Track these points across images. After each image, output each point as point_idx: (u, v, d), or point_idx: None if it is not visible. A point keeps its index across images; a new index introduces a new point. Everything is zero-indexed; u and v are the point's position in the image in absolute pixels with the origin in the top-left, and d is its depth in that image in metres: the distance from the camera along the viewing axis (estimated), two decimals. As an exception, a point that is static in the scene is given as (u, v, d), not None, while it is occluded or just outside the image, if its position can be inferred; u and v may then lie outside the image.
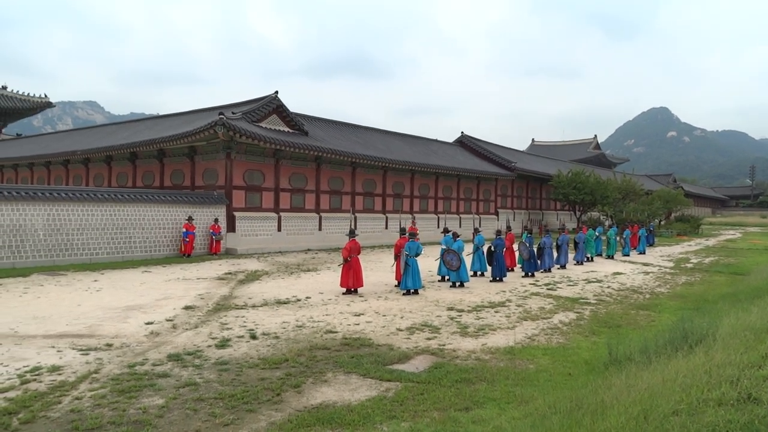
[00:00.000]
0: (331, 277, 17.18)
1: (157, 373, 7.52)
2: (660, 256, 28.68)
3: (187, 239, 22.07)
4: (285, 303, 12.83)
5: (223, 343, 9.12)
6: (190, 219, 22.36)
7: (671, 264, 24.55)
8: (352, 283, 14.31)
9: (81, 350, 8.61)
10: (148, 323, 10.51)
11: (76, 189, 20.48)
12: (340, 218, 29.81)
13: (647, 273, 20.89)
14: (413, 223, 26.39)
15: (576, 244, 23.97)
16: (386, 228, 32.94)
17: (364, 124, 39.33)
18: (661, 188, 65.78)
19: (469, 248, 19.33)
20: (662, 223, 56.04)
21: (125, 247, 20.81)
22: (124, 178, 31.19)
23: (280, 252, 24.89)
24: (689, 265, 23.94)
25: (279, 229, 26.65)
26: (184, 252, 22.07)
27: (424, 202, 37.38)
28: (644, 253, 29.76)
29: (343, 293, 14.27)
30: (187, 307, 12.05)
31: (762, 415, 4.34)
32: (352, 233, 14.88)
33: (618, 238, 29.12)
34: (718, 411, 4.59)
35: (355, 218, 30.17)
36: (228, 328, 10.22)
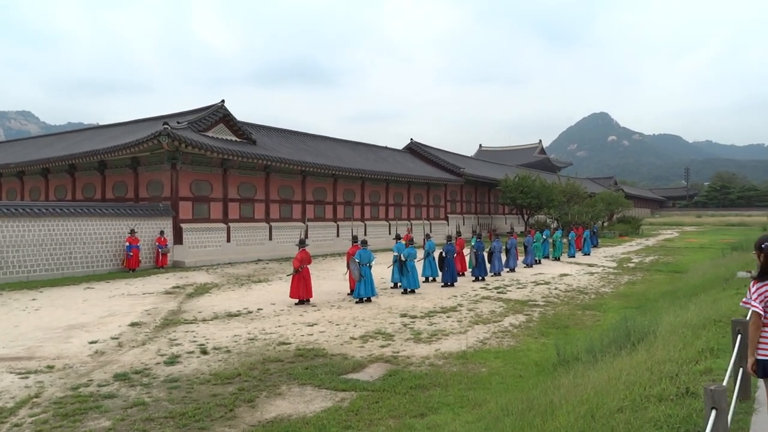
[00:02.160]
0: (283, 287, 16.99)
1: (103, 394, 7.26)
2: (604, 256, 29.68)
3: (131, 253, 21.41)
4: (236, 315, 12.62)
5: (173, 360, 8.90)
6: (132, 232, 21.70)
7: (614, 264, 25.42)
8: (302, 293, 14.21)
9: (20, 374, 8.22)
10: (91, 342, 10.14)
11: (10, 204, 19.56)
12: (291, 227, 29.57)
13: (592, 274, 21.58)
14: (409, 230, 26.33)
15: (525, 247, 24.57)
16: (338, 236, 32.87)
17: (313, 132, 39.30)
18: (604, 191, 68.23)
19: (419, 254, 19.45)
20: (605, 224, 57.99)
21: (65, 264, 19.99)
22: (62, 191, 30.00)
23: (229, 263, 24.46)
24: (631, 265, 24.85)
25: (228, 240, 26.20)
26: (129, 266, 21.40)
27: (375, 209, 37.52)
28: (589, 254, 30.72)
29: (296, 304, 14.15)
30: (133, 324, 11.69)
31: (699, 409, 4.59)
32: (302, 243, 14.80)
33: (563, 240, 30.03)
34: (659, 406, 4.82)
35: (307, 227, 29.99)
36: (177, 344, 9.97)
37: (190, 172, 25.16)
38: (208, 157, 24.88)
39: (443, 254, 18.09)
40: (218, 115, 27.23)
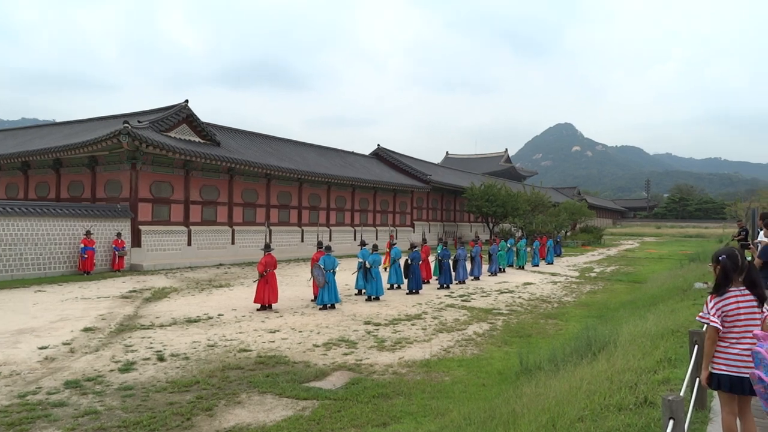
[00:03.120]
0: (244, 292, 16.82)
1: (53, 403, 7.02)
2: (566, 266, 30.27)
3: (86, 255, 20.83)
4: (195, 321, 12.40)
5: (128, 367, 8.68)
6: (88, 233, 21.13)
7: (577, 273, 25.96)
8: (267, 298, 14.12)
9: (-37, 381, 7.89)
10: (41, 348, 9.80)
11: (-43, 201, 18.80)
12: (255, 231, 29.26)
13: (555, 283, 21.97)
14: (392, 238, 26.25)
15: (489, 255, 24.84)
16: (302, 241, 32.68)
17: (280, 135, 38.96)
18: (567, 200, 69.58)
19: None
20: (568, 234, 59.17)
21: (15, 265, 19.30)
22: (14, 190, 29.02)
23: (190, 267, 24.02)
24: (593, 275, 25.43)
25: (189, 244, 25.77)
26: (84, 269, 20.81)
27: (341, 215, 37.44)
28: (552, 264, 31.31)
29: (258, 309, 14.01)
30: (86, 329, 11.35)
31: (657, 418, 4.70)
32: (267, 247, 14.72)
33: (528, 249, 30.47)
34: (618, 416, 4.92)
35: (271, 231, 29.73)
36: (133, 350, 9.73)
37: (151, 173, 24.69)
38: (170, 157, 24.46)
39: (409, 261, 18.16)
40: (181, 115, 26.79)
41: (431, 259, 21.42)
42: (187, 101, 27.12)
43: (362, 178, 37.57)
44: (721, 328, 4.16)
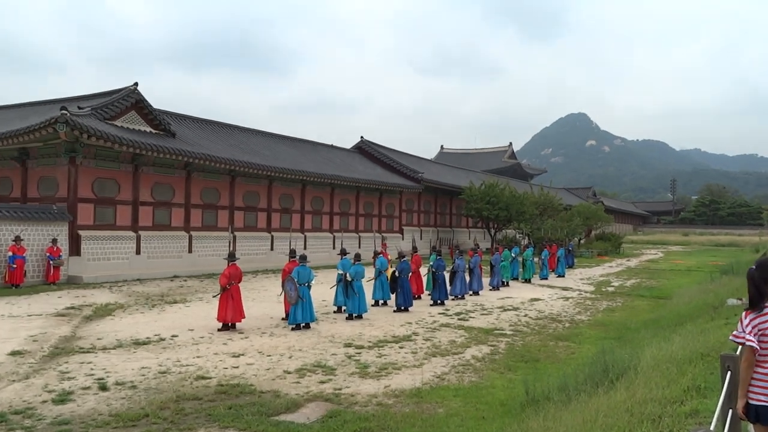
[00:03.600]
0: (203, 309, 16.75)
1: (-27, 441, 6.92)
2: (580, 279, 30.55)
3: (15, 265, 20.63)
4: (145, 344, 12.32)
5: (64, 397, 8.58)
6: (17, 240, 20.93)
7: (592, 288, 26.22)
8: (231, 316, 14.08)
9: None
10: (-40, 375, 9.66)
11: None
12: (216, 238, 29.14)
13: (567, 298, 22.17)
14: (384, 247, 26.23)
15: (491, 266, 24.97)
16: (272, 249, 32.62)
17: (247, 125, 38.93)
18: (581, 203, 70.23)
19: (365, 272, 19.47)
20: (582, 241, 59.65)
21: (-70, 276, 19.03)
22: (-71, 187, 28.63)
23: (138, 280, 23.86)
24: (610, 289, 25.70)
25: (138, 252, 25.63)
26: (11, 281, 20.60)
27: (318, 219, 37.42)
28: (563, 276, 31.55)
29: (220, 329, 13.98)
30: (14, 353, 11.22)
31: (684, 456, 4.71)
32: (231, 257, 14.69)
33: (535, 260, 30.63)
34: (639, 454, 4.93)
35: (235, 238, 29.63)
36: (70, 378, 9.63)
37: (93, 169, 24.54)
38: (116, 150, 24.30)
39: (396, 273, 18.17)
40: (130, 100, 26.63)
41: (423, 270, 21.43)
42: (136, 84, 26.97)
43: (343, 176, 37.61)
44: (758, 348, 4.13)
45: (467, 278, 22.01)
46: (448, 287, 20.40)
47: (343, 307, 16.86)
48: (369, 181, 40.47)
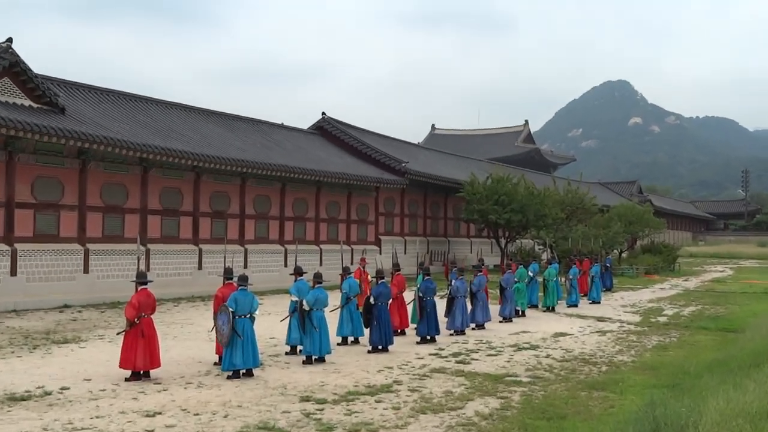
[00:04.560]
0: (104, 351, 16.46)
1: None
2: (621, 305, 30.46)
3: None
4: (24, 399, 12.10)
5: None
6: None
7: (637, 318, 26.13)
8: (142, 361, 13.88)
9: None
10: None
11: None
12: (122, 253, 28.81)
13: (603, 332, 22.09)
14: (362, 263, 26.02)
15: (501, 290, 24.78)
16: (200, 268, 32.36)
17: (164, 98, 38.53)
18: (622, 203, 70.43)
19: (333, 299, 19.40)
20: (623, 255, 59.83)
21: None
22: None
23: (14, 311, 23.51)
24: (662, 319, 25.66)
25: (13, 273, 25.31)
26: None
27: (263, 226, 37.18)
28: (599, 302, 31.47)
29: (127, 379, 13.78)
30: None
31: None
32: (142, 278, 14.45)
33: (561, 280, 30.59)
34: None
35: (148, 252, 29.30)
36: None
37: (-50, 157, 24.14)
38: (-17, 132, 23.95)
39: (372, 300, 18.05)
40: (2, 63, 26.27)
41: (407, 296, 21.33)
42: (10, 41, 26.58)
43: (298, 167, 37.45)
44: None
45: (468, 306, 21.94)
46: (442, 318, 20.24)
47: (299, 347, 16.64)
48: (334, 174, 40.21)
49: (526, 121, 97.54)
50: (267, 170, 35.26)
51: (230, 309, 14.28)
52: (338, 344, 18.02)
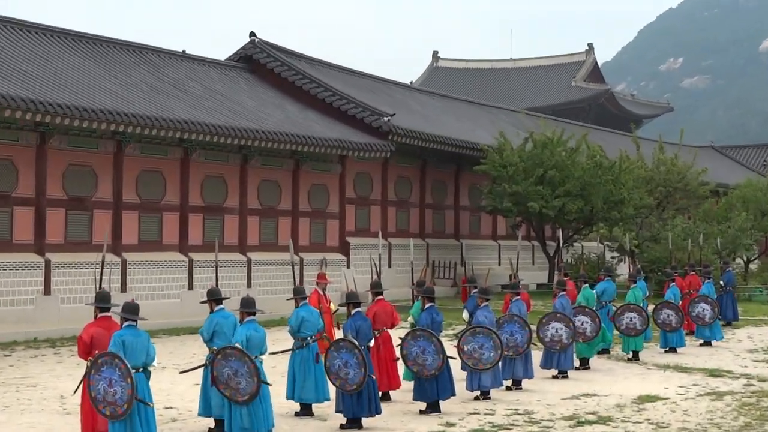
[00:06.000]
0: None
1: None
2: (748, 350, 24.65)
3: None
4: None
5: None
6: None
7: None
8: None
9: None
10: None
11: None
12: None
13: (719, 395, 17.29)
14: (321, 281, 20.62)
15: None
16: (48, 293, 25.67)
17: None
18: (750, 180, 55.34)
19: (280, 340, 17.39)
20: (752, 266, 49.63)
21: None
22: None
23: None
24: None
25: None
26: None
27: (154, 224, 29.59)
28: (713, 342, 25.18)
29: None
30: None
31: None
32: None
33: (649, 308, 24.03)
34: None
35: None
36: None
37: None
38: None
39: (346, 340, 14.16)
40: None
41: (397, 336, 16.66)
42: None
43: (208, 123, 29.16)
44: None
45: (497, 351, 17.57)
46: (457, 371, 16.18)
47: (217, 419, 12.83)
48: (269, 135, 31.18)
49: (590, 45, 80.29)
50: (158, 129, 27.17)
51: (121, 357, 11.10)
52: (296, 413, 14.15)
